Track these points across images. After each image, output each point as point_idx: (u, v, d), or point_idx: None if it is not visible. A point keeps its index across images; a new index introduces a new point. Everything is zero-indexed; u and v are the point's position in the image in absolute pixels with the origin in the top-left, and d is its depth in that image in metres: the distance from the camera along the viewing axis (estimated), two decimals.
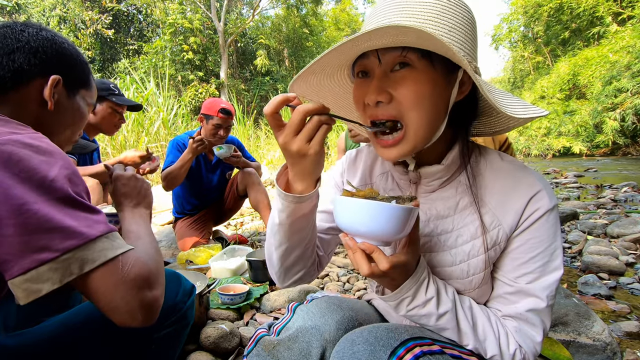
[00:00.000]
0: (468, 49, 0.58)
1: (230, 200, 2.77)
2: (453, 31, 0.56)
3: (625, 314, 1.50)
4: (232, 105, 2.46)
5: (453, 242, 0.66)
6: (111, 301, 0.58)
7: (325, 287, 1.84)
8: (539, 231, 0.61)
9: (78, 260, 0.55)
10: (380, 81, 0.58)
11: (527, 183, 0.62)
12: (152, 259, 0.68)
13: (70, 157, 1.94)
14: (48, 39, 0.74)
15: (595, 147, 12.60)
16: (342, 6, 23.38)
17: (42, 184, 0.55)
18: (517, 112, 0.55)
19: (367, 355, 0.57)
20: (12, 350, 0.66)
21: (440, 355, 0.57)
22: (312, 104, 0.54)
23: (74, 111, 0.80)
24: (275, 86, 15.83)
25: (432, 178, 0.68)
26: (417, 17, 0.55)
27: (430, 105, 0.58)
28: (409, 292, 0.60)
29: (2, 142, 0.55)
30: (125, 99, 2.09)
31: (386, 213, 0.53)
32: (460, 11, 0.58)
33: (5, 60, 0.69)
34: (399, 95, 0.57)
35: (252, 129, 9.28)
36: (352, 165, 0.83)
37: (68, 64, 0.77)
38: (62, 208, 0.56)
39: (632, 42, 11.32)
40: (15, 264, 0.52)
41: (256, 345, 0.72)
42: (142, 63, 13.26)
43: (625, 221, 2.69)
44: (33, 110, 0.73)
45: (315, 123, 0.54)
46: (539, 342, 0.62)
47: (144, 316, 0.60)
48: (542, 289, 0.61)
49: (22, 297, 0.53)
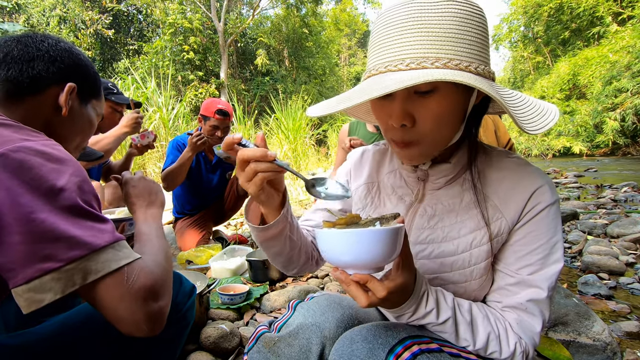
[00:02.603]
0: (484, 56, 0.57)
1: (230, 200, 2.77)
2: (472, 44, 0.55)
3: (625, 314, 1.50)
4: (230, 106, 2.45)
5: (456, 233, 0.67)
6: (116, 312, 0.58)
7: (326, 287, 1.84)
8: (540, 224, 0.63)
9: (81, 271, 0.55)
10: (405, 104, 0.57)
11: (530, 178, 0.64)
12: (160, 266, 0.68)
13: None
14: (66, 50, 0.78)
15: (595, 147, 12.59)
16: (342, 6, 23.38)
17: (51, 193, 0.55)
18: (534, 127, 0.56)
19: (366, 353, 0.58)
20: (13, 350, 0.66)
21: (438, 353, 0.58)
22: (251, 150, 0.57)
23: (85, 119, 0.83)
24: (275, 86, 15.81)
25: (440, 175, 0.70)
26: (437, 36, 0.53)
27: (450, 122, 0.59)
28: (410, 309, 0.60)
29: (14, 149, 0.55)
30: (125, 97, 2.09)
31: (370, 239, 0.50)
32: (477, 18, 0.56)
33: (25, 67, 0.72)
34: (421, 120, 0.58)
35: (253, 129, 9.28)
36: (358, 165, 0.85)
37: (83, 74, 0.81)
38: (69, 217, 0.56)
39: (632, 42, 11.32)
40: (20, 272, 0.52)
41: (257, 342, 0.72)
42: (142, 63, 13.25)
43: (625, 221, 2.69)
44: (46, 115, 0.75)
45: (251, 171, 0.57)
46: (538, 333, 0.63)
47: (150, 327, 0.60)
48: (544, 279, 0.62)
49: (24, 307, 0.53)
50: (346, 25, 23.22)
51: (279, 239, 0.69)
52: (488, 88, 0.50)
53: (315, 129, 10.27)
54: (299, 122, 8.93)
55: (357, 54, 29.30)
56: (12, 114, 0.69)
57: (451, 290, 0.68)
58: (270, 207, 0.65)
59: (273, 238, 0.68)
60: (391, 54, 0.56)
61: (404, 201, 0.74)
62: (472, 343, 0.61)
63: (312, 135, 10.02)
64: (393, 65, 0.55)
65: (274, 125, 9.30)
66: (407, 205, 0.74)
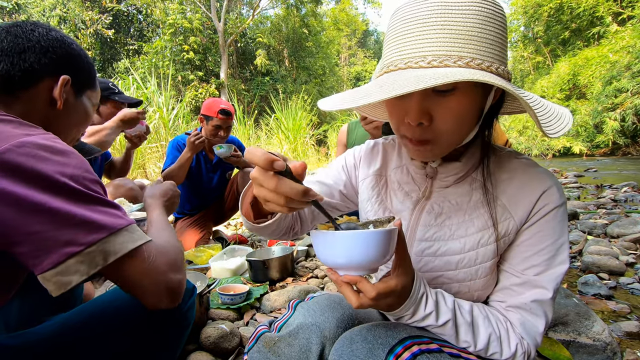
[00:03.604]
0: (503, 57, 0.56)
1: (230, 200, 2.77)
2: (494, 44, 0.54)
3: (625, 314, 1.50)
4: (232, 106, 2.45)
5: (463, 232, 0.67)
6: (140, 287, 0.63)
7: (326, 287, 1.84)
8: (547, 225, 0.63)
9: (102, 253, 0.58)
10: (423, 101, 0.55)
11: (539, 179, 0.64)
12: (174, 246, 0.74)
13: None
14: (58, 40, 0.76)
15: (595, 147, 12.58)
16: (342, 6, 23.36)
17: (61, 183, 0.58)
18: (553, 130, 0.56)
19: (365, 353, 0.58)
20: (14, 350, 0.66)
21: (438, 353, 0.58)
22: (300, 189, 0.47)
23: (81, 111, 0.82)
24: (275, 86, 15.81)
25: (449, 174, 0.69)
26: (460, 33, 0.52)
27: (467, 121, 0.58)
28: (409, 312, 0.60)
29: (18, 145, 0.56)
30: (126, 96, 2.10)
31: (361, 241, 0.51)
32: (498, 18, 0.55)
33: (16, 60, 0.70)
34: (439, 119, 0.56)
35: (253, 129, 9.28)
36: (369, 154, 0.84)
37: (76, 65, 0.79)
38: (82, 204, 0.59)
39: (632, 42, 11.31)
40: (46, 258, 0.55)
41: (257, 342, 0.73)
42: (142, 63, 13.25)
43: (625, 221, 2.69)
44: (42, 109, 0.74)
45: (283, 202, 0.48)
46: (541, 333, 0.64)
47: (170, 299, 0.66)
48: (549, 280, 0.62)
49: (54, 290, 0.56)
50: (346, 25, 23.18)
51: (272, 226, 0.67)
52: (513, 89, 0.50)
53: (315, 129, 10.26)
54: (299, 122, 8.93)
55: (357, 54, 29.30)
56: (10, 110, 0.69)
57: (455, 288, 0.68)
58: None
59: (267, 227, 0.67)
60: (412, 50, 0.54)
61: (410, 197, 0.74)
62: (473, 344, 0.61)
63: (312, 136, 10.02)
64: (414, 62, 0.53)
65: (274, 125, 9.30)
66: (414, 202, 0.73)
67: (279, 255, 1.94)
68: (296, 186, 0.47)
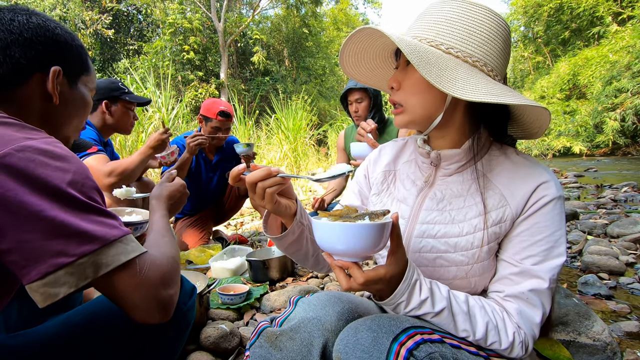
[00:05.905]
0: (494, 63, 0.68)
1: (230, 200, 2.77)
2: (482, 46, 0.67)
3: (625, 314, 1.50)
4: (231, 107, 2.45)
5: (462, 217, 0.71)
6: (130, 301, 0.60)
7: (326, 287, 1.84)
8: (545, 217, 0.66)
9: (93, 265, 0.56)
10: (400, 72, 0.73)
11: (537, 172, 0.68)
12: (170, 257, 0.71)
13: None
14: (41, 26, 0.71)
15: (595, 147, 12.57)
16: (341, 6, 23.35)
17: (58, 190, 0.56)
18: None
19: (370, 341, 0.59)
20: (13, 350, 0.66)
21: (440, 344, 0.59)
22: (255, 172, 0.66)
23: (78, 100, 0.79)
24: (275, 86, 15.79)
25: (451, 161, 0.76)
26: (452, 34, 0.67)
27: (425, 95, 0.70)
28: (403, 297, 0.63)
29: (18, 149, 0.55)
30: (136, 96, 2.08)
31: (356, 232, 0.57)
32: (492, 25, 0.68)
33: (1, 57, 0.66)
34: (404, 86, 0.72)
35: (253, 129, 9.27)
36: (376, 158, 0.93)
37: (64, 51, 0.74)
38: (77, 213, 0.57)
39: (632, 42, 11.30)
40: (34, 268, 0.53)
41: (259, 337, 0.74)
42: (142, 63, 13.24)
43: (625, 221, 2.69)
44: (38, 106, 0.72)
45: (260, 190, 0.66)
46: (538, 324, 0.65)
47: (162, 314, 0.64)
48: (546, 271, 0.64)
49: (40, 301, 0.54)
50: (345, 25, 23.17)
51: (299, 241, 0.76)
52: (434, 70, 0.61)
53: (315, 129, 10.26)
54: (299, 122, 8.92)
55: None
56: (6, 111, 0.66)
57: (453, 272, 0.71)
58: (288, 216, 0.74)
59: (294, 243, 0.76)
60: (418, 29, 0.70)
61: (415, 185, 0.80)
62: (472, 333, 0.63)
63: (312, 136, 10.01)
64: (414, 34, 0.70)
65: (274, 126, 9.29)
66: (418, 189, 0.79)
67: (279, 255, 1.94)
68: (259, 170, 0.66)
